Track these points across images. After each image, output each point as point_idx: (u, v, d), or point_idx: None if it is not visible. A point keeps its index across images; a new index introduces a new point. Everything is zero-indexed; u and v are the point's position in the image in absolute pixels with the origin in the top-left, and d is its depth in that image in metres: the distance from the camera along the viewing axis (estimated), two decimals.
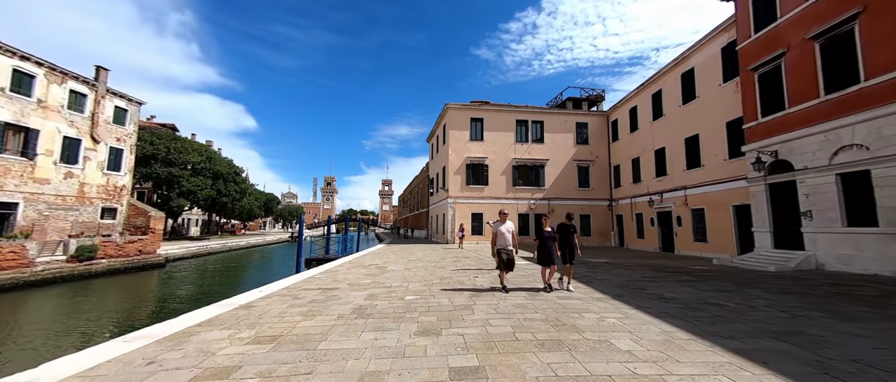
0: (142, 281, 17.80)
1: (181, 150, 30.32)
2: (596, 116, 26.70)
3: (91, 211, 18.98)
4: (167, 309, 13.04)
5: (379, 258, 13.90)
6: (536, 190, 25.62)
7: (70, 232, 17.38)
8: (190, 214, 51.57)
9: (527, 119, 26.37)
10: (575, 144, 26.21)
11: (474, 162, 25.55)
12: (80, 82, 18.34)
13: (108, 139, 20.09)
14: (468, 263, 12.02)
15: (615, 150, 25.17)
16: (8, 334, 9.87)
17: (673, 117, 18.42)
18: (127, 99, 21.06)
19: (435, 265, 11.59)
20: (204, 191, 30.80)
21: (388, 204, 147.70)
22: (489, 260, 13.12)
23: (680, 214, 17.63)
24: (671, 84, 18.60)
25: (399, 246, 22.46)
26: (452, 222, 24.80)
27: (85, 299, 14.22)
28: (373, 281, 8.28)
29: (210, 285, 17.91)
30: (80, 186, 18.43)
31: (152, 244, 20.25)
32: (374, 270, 10.21)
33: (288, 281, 8.30)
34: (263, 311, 5.37)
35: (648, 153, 20.54)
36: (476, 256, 14.64)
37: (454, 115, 26.06)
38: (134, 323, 11.20)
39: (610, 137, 25.95)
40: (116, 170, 20.52)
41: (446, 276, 9.01)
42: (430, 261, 12.69)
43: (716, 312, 5.32)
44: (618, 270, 10.66)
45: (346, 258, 13.75)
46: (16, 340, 9.50)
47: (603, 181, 25.88)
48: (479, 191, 25.32)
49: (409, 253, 16.09)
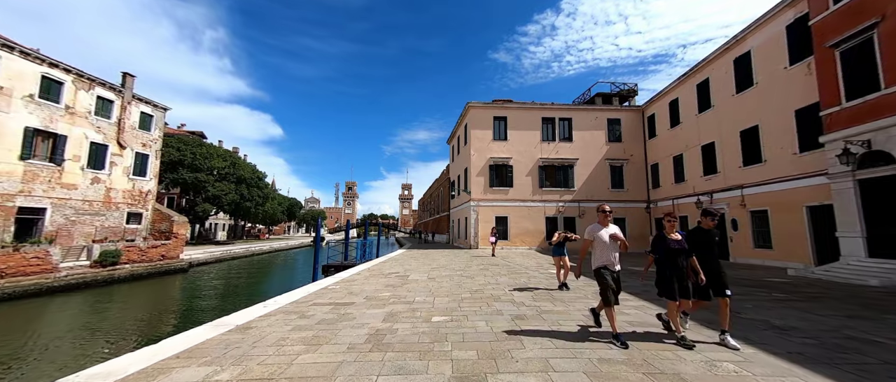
0: (164, 286, 17.65)
1: (206, 156, 30.83)
2: (629, 112, 24.81)
3: (117, 216, 19.17)
4: (185, 318, 12.55)
5: (400, 265, 12.90)
6: (565, 191, 24.00)
7: (96, 237, 17.52)
8: (217, 219, 52.95)
9: (553, 116, 24.86)
10: (607, 142, 24.42)
11: (498, 162, 24.27)
12: (107, 88, 18.63)
13: (134, 144, 20.34)
14: (498, 271, 10.78)
15: (652, 148, 23.18)
16: (22, 344, 9.52)
17: (724, 108, 16.47)
18: (152, 105, 21.34)
19: (461, 274, 10.43)
20: (228, 195, 31.16)
21: (407, 209, 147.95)
22: (521, 268, 11.83)
23: (736, 217, 15.63)
24: (721, 71, 16.67)
25: (420, 251, 21.47)
26: (475, 226, 23.58)
27: (107, 306, 14.03)
28: (393, 294, 7.22)
29: (230, 291, 17.51)
30: (106, 191, 18.65)
31: (175, 249, 20.23)
32: (394, 280, 9.18)
33: (299, 292, 7.38)
34: (260, 336, 4.39)
35: (694, 149, 18.57)
36: (505, 263, 13.38)
37: (476, 114, 24.92)
38: (150, 333, 10.69)
39: (646, 134, 23.99)
40: (142, 175, 20.75)
41: (476, 289, 7.82)
42: (455, 269, 11.56)
43: (879, 354, 3.79)
44: None
45: (365, 265, 12.85)
46: (18, 353, 9.09)
47: (639, 181, 23.92)
48: (503, 194, 23.99)
49: (432, 260, 15.03)
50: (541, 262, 14.16)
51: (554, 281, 8.90)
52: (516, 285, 8.39)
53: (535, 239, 23.42)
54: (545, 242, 23.35)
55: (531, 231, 23.52)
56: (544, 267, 12.19)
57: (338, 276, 10.10)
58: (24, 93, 15.23)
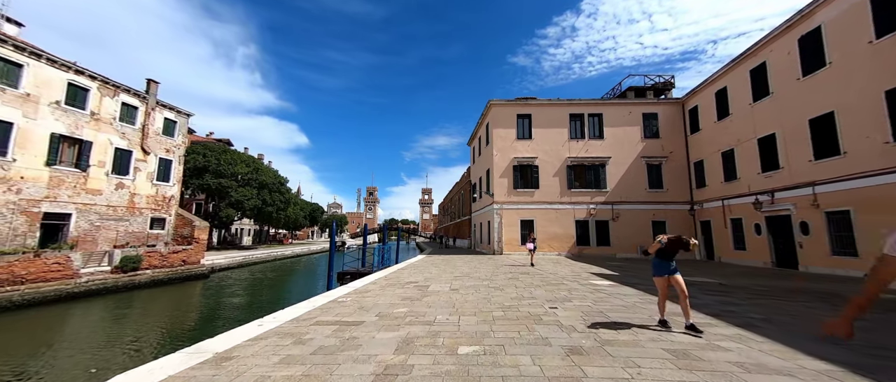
0: (184, 292, 17.45)
1: (230, 162, 31.22)
2: (667, 105, 22.78)
3: (141, 222, 19.31)
4: (197, 329, 12.00)
5: (419, 273, 11.82)
6: (596, 192, 22.24)
7: (120, 243, 17.61)
8: (242, 224, 54.15)
9: (582, 112, 23.22)
10: (642, 139, 22.49)
11: (522, 162, 22.88)
12: (132, 95, 18.88)
13: (158, 150, 20.54)
14: (530, 282, 9.46)
15: (696, 144, 21.06)
16: (32, 353, 9.15)
17: (787, 94, 14.42)
18: (176, 111, 21.57)
19: (488, 284, 9.20)
20: (250, 201, 31.40)
21: (428, 213, 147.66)
22: (555, 277, 10.44)
23: (806, 219, 13.51)
24: (781, 53, 14.65)
25: (441, 257, 20.35)
26: (499, 230, 22.23)
27: (125, 313, 13.79)
28: (409, 310, 6.12)
29: (246, 298, 17.06)
30: (130, 197, 18.81)
31: (196, 254, 20.15)
32: (412, 291, 8.09)
33: (304, 306, 6.43)
34: (236, 373, 3.37)
35: (749, 143, 16.48)
36: (536, 271, 11.99)
37: (498, 112, 23.68)
38: (159, 345, 10.13)
39: (687, 129, 21.89)
40: (165, 180, 20.92)
41: (509, 304, 6.58)
42: (480, 278, 10.34)
43: None
44: (766, 301, 7.47)
45: (382, 272, 11.86)
46: (24, 364, 8.66)
47: (680, 180, 21.80)
48: (528, 196, 22.54)
49: (454, 267, 13.87)
50: (576, 270, 12.67)
51: (600, 295, 7.52)
52: (555, 299, 7.08)
53: (564, 243, 21.78)
54: (575, 247, 21.68)
55: (560, 235, 21.90)
56: (582, 277, 10.74)
57: (351, 286, 9.15)
58: (51, 99, 15.49)
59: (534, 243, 15.17)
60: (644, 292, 7.92)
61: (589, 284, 9.27)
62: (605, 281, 10.07)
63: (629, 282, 9.64)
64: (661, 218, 21.61)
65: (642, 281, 9.88)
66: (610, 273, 12.15)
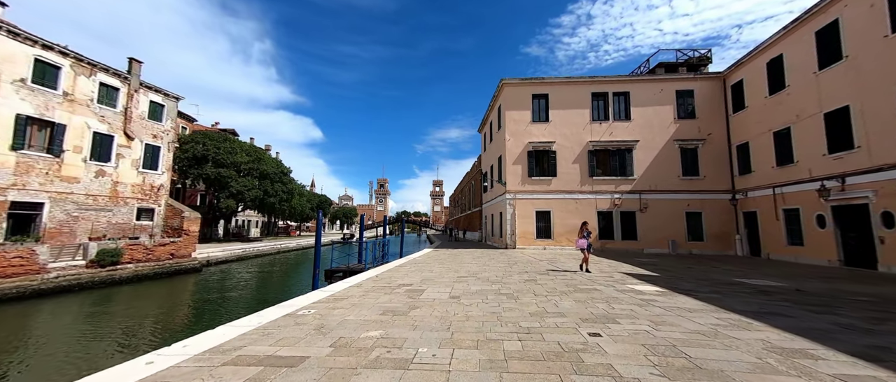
0: (169, 288, 16.13)
1: (230, 151, 29.99)
2: (705, 80, 20.08)
3: (126, 212, 18.06)
4: (170, 330, 10.50)
5: (418, 271, 9.96)
6: (622, 180, 19.90)
7: (100, 235, 16.36)
8: (249, 216, 53.49)
9: (606, 91, 20.77)
10: (675, 120, 19.94)
11: (538, 148, 20.68)
12: (111, 75, 17.42)
13: (144, 136, 19.16)
14: (552, 286, 7.39)
15: (739, 124, 18.42)
16: None
17: (868, 57, 11.78)
18: (163, 93, 20.12)
19: (498, 289, 7.23)
20: (251, 191, 30.18)
21: (439, 205, 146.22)
22: (584, 280, 8.34)
23: (891, 208, 11.01)
24: (862, 6, 11.96)
25: (448, 251, 18.48)
26: (512, 222, 20.20)
27: (99, 310, 12.47)
28: (384, 333, 4.21)
29: (234, 296, 15.62)
30: (113, 185, 17.51)
31: (186, 247, 18.84)
32: (400, 299, 6.21)
33: (240, 325, 4.59)
34: None
35: (811, 119, 13.88)
36: (555, 269, 9.94)
37: (511, 93, 21.46)
38: (123, 348, 8.60)
39: (729, 107, 19.22)
40: (153, 168, 19.58)
41: (527, 325, 4.59)
42: (489, 280, 8.38)
43: None
44: (871, 313, 5.26)
45: (376, 270, 10.06)
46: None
47: (719, 166, 19.24)
48: (544, 184, 20.38)
49: (460, 264, 11.97)
50: (604, 270, 10.57)
51: (654, 311, 5.43)
52: (592, 316, 5.05)
53: None
54: (597, 241, 19.45)
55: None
56: (615, 279, 8.66)
57: (329, 290, 7.35)
58: (15, 77, 14.07)
59: (586, 238, 9.82)
60: (712, 304, 5.83)
61: (629, 290, 7.20)
62: (647, 285, 7.97)
63: (681, 289, 7.52)
64: (697, 209, 19.15)
65: (697, 287, 7.74)
66: (647, 273, 10.02)
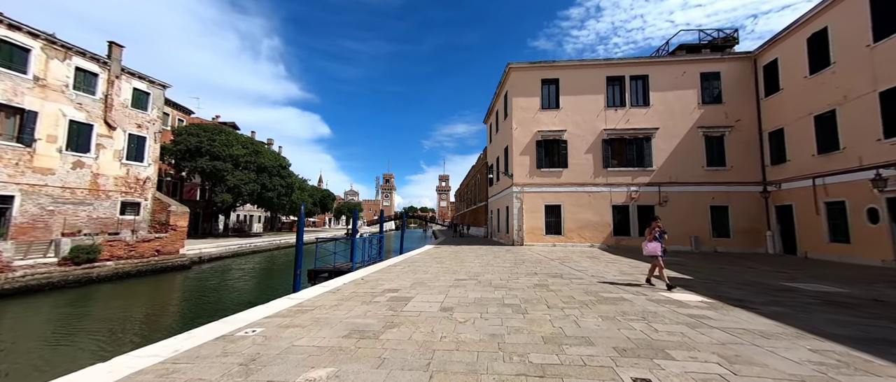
0: (154, 287, 15.09)
1: (226, 143, 28.96)
2: (734, 61, 18.26)
3: (108, 206, 17.05)
4: (129, 335, 9.36)
5: (410, 272, 8.62)
6: (639, 172, 18.28)
7: (77, 230, 15.38)
8: (252, 211, 52.79)
9: (622, 74, 19.07)
10: (699, 105, 18.20)
11: (548, 137, 19.13)
12: (88, 59, 16.29)
13: (127, 125, 18.07)
14: (568, 293, 5.86)
15: (773, 108, 16.63)
16: None
17: None
18: (148, 81, 18.97)
19: (503, 297, 5.82)
20: (248, 185, 29.16)
21: (445, 201, 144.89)
22: (600, 282, 6.87)
23: None
24: None
25: (450, 248, 17.14)
26: (519, 217, 18.75)
27: (68, 311, 11.45)
28: (336, 370, 2.88)
29: (219, 296, 14.53)
30: (93, 177, 16.47)
31: (173, 243, 17.80)
32: (377, 311, 4.84)
33: (141, 356, 3.32)
34: None
35: (863, 99, 12.13)
36: (571, 271, 8.46)
37: (519, 78, 19.88)
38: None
39: (760, 90, 17.41)
40: (138, 159, 18.52)
41: (541, 360, 3.11)
42: (492, 284, 6.99)
43: None
44: None
45: (362, 272, 8.76)
46: None
47: (748, 155, 17.50)
48: (554, 176, 18.86)
49: (461, 263, 10.61)
50: (626, 271, 9.09)
51: (714, 335, 3.93)
52: (631, 344, 3.59)
53: (598, 233, 18.10)
54: (612, 237, 17.95)
55: (593, 223, 18.21)
56: (644, 285, 7.18)
57: (299, 296, 6.07)
58: None
59: (660, 241, 7.13)
60: (785, 323, 4.34)
61: (668, 301, 5.75)
62: (685, 292, 6.50)
63: (729, 298, 6.04)
64: (723, 202, 17.47)
65: (748, 296, 6.24)
66: (677, 275, 8.53)
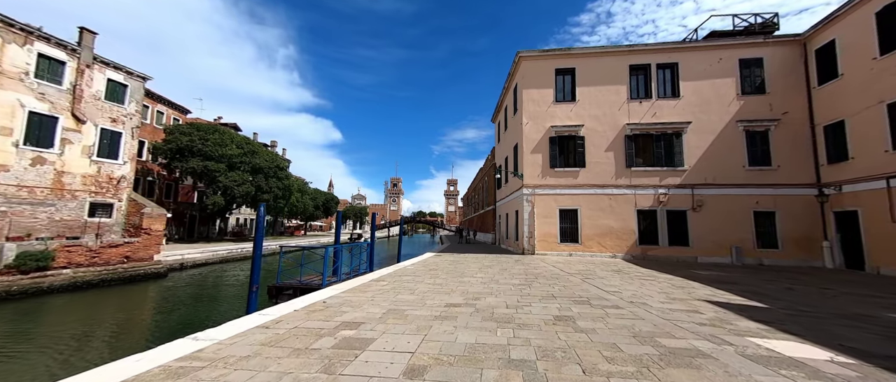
0: (120, 298, 13.39)
1: (220, 143, 27.57)
2: (779, 45, 15.95)
3: (74, 207, 15.52)
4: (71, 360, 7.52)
5: (391, 292, 6.58)
6: (668, 172, 16.02)
7: (26, 234, 13.81)
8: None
9: (647, 62, 16.92)
10: (738, 95, 15.91)
11: (562, 133, 17.03)
12: (54, 45, 14.89)
13: (99, 119, 16.60)
14: (608, 336, 3.62)
15: (829, 98, 14.26)
16: None
17: None
18: (125, 71, 17.53)
19: (506, 341, 3.62)
20: (241, 186, 27.66)
21: (453, 205, 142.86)
22: (642, 313, 4.41)
23: None
24: None
25: (451, 257, 15.06)
26: (530, 222, 16.61)
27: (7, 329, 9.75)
28: None
29: (187, 311, 12.73)
30: (56, 175, 14.98)
31: (146, 248, 16.14)
32: (301, 376, 2.83)
33: None
34: None
35: None
36: (614, 303, 6.28)
37: (530, 68, 17.88)
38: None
39: (811, 78, 15.06)
40: (112, 157, 17.00)
41: None
42: (494, 312, 4.80)
43: None
44: None
45: (328, 292, 6.76)
46: None
47: (798, 153, 15.11)
48: (570, 177, 16.72)
49: (459, 277, 8.54)
50: (665, 290, 6.81)
51: None
52: None
53: (620, 242, 15.84)
54: (637, 247, 15.68)
55: (615, 230, 15.97)
56: (703, 313, 4.92)
57: (213, 334, 4.10)
58: None
59: None
60: None
61: (765, 356, 3.57)
62: (782, 335, 4.29)
63: (867, 353, 3.81)
64: (769, 208, 15.07)
65: (881, 341, 4.00)
66: (745, 302, 6.26)
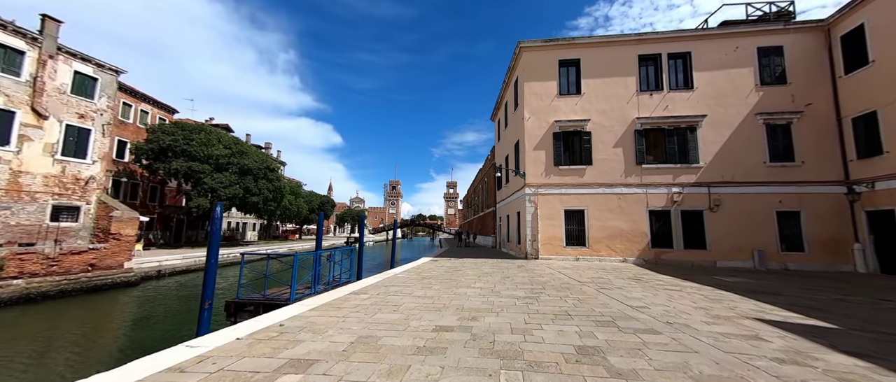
0: (80, 311, 12.06)
1: (205, 143, 26.27)
2: (801, 31, 14.84)
3: (34, 211, 14.17)
4: None
5: (371, 310, 5.28)
6: (682, 169, 14.83)
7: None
8: (246, 218, 50.01)
9: (658, 52, 15.78)
10: (757, 86, 14.77)
11: (567, 128, 15.85)
12: (10, 33, 13.60)
13: (65, 115, 15.29)
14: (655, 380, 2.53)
15: (857, 87, 13.13)
16: None
17: None
18: (95, 64, 16.22)
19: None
20: (228, 188, 26.33)
21: (453, 208, 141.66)
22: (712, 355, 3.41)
23: None
24: None
25: (448, 262, 13.76)
26: (533, 224, 15.37)
27: None
28: None
29: (148, 330, 11.42)
30: (12, 175, 13.66)
31: (115, 255, 14.79)
32: None
33: None
34: None
35: None
36: (665, 330, 4.96)
37: (532, 59, 16.71)
38: None
39: (837, 66, 13.94)
40: (79, 156, 15.68)
41: None
42: (495, 347, 3.46)
43: None
44: None
45: (293, 309, 5.48)
46: None
47: (825, 147, 13.96)
48: (576, 175, 15.51)
49: (454, 289, 7.27)
50: (703, 304, 5.55)
51: None
52: None
53: (631, 245, 14.60)
54: (649, 250, 14.45)
55: (625, 233, 14.73)
56: (759, 334, 3.65)
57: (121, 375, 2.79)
58: None
59: None
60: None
61: None
62: (877, 369, 3.03)
63: None
64: (793, 207, 13.87)
65: None
66: (810, 323, 4.93)
